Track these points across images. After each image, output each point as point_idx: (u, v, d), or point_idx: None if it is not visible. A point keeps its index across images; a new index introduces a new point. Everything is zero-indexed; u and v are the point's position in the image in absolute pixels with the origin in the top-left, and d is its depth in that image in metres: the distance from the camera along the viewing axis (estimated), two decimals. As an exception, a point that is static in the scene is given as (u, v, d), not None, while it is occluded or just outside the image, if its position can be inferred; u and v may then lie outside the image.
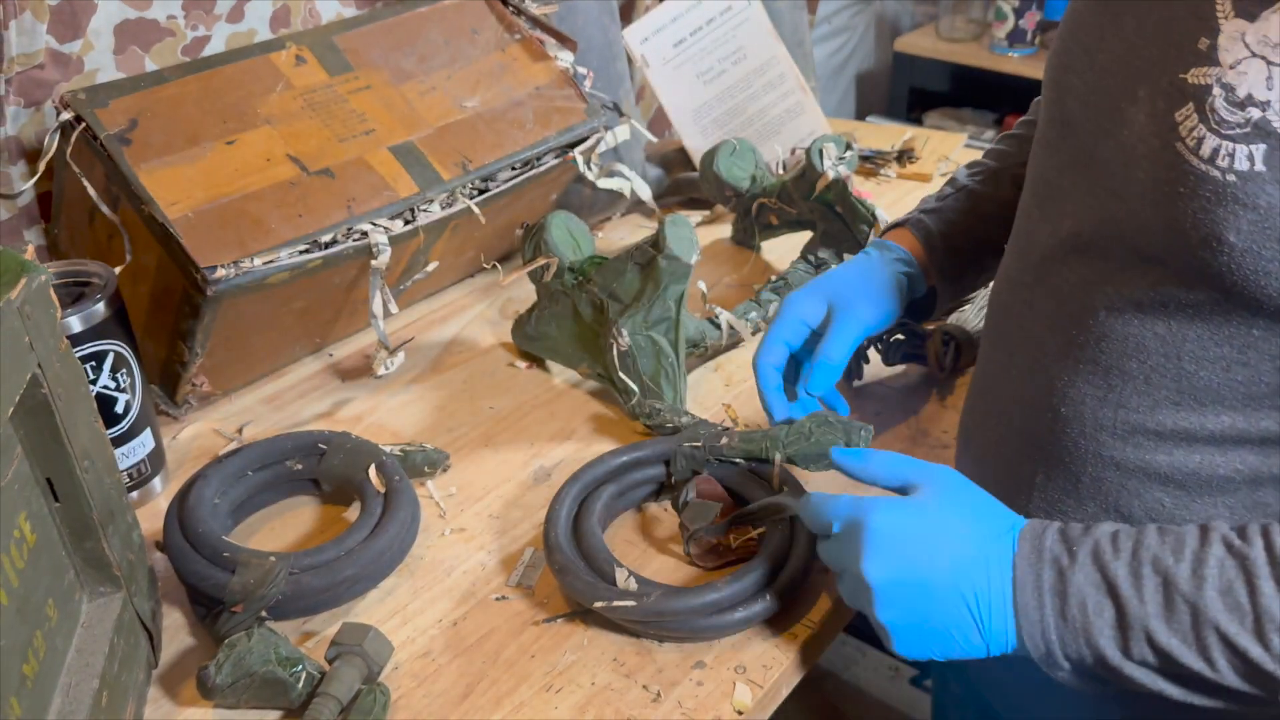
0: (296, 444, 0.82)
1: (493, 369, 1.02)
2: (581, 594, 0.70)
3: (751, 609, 0.69)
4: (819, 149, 1.05)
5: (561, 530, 0.74)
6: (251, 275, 0.83)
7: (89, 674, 0.58)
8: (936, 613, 0.59)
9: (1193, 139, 0.53)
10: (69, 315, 0.75)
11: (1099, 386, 0.61)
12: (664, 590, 0.69)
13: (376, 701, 0.64)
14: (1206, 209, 0.53)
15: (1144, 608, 0.54)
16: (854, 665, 1.85)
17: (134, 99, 0.87)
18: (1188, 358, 0.57)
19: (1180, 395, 0.58)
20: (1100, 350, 0.61)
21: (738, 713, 0.65)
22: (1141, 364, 0.59)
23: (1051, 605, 0.56)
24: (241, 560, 0.70)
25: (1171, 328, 0.57)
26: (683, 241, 0.86)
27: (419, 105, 1.00)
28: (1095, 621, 0.55)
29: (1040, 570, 0.57)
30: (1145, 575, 0.55)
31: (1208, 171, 0.52)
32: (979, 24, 2.44)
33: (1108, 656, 0.56)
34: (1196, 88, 0.53)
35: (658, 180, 1.33)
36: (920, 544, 0.60)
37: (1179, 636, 0.54)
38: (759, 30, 1.31)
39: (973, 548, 0.59)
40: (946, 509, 0.61)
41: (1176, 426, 0.59)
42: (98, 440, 0.61)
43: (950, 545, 0.59)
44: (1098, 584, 0.56)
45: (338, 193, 0.90)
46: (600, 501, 0.77)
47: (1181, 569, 0.54)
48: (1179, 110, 0.54)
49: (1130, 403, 0.60)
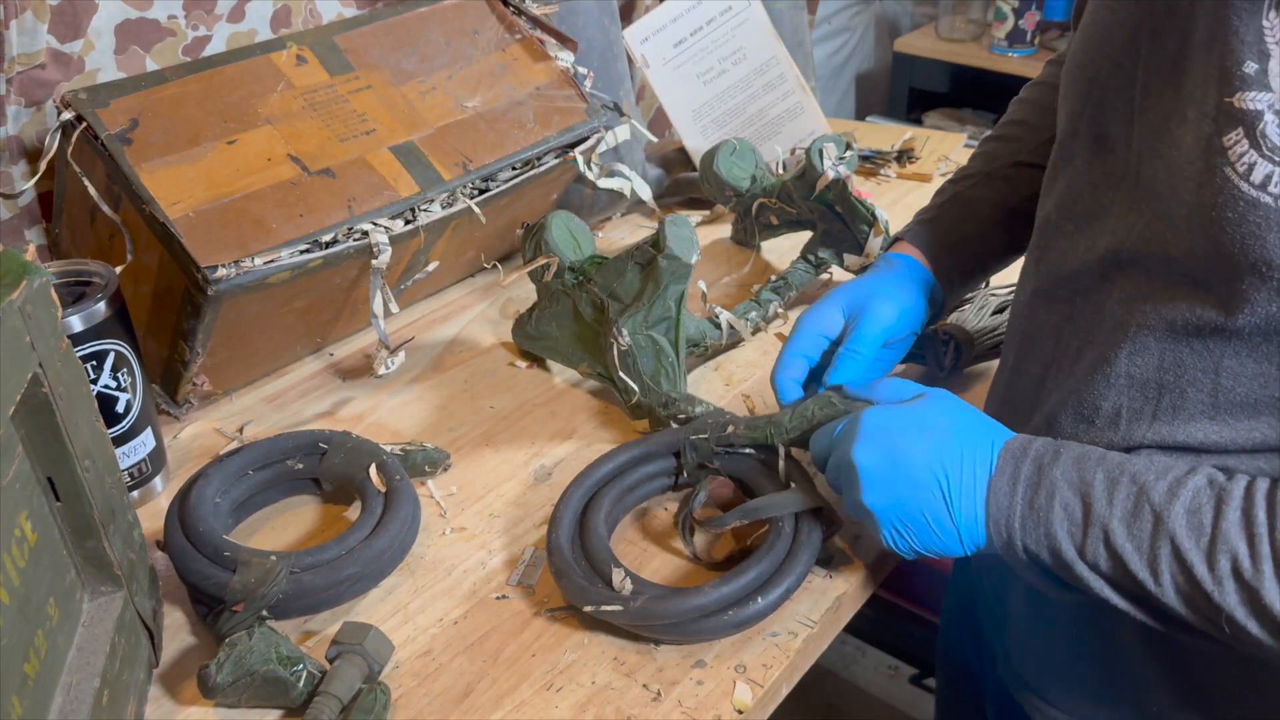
0: (297, 443, 0.82)
1: (493, 368, 1.02)
2: (574, 597, 0.70)
3: (742, 613, 0.68)
4: (819, 149, 1.05)
5: (564, 531, 0.74)
6: (252, 275, 0.83)
7: (90, 673, 0.58)
8: (913, 495, 0.62)
9: (1243, 165, 0.53)
10: (70, 315, 0.75)
11: (1135, 400, 0.61)
12: (651, 594, 0.68)
13: (377, 700, 0.64)
14: (1256, 234, 0.52)
15: (1110, 509, 0.56)
16: (854, 664, 1.85)
17: (135, 99, 0.87)
18: (1225, 373, 0.57)
19: (1215, 410, 0.58)
20: (1135, 365, 0.61)
21: (738, 712, 0.65)
22: (1178, 379, 0.59)
23: (1022, 495, 0.59)
24: (242, 559, 0.70)
25: (1210, 346, 0.57)
26: (683, 241, 0.86)
27: (420, 105, 1.00)
28: (1059, 514, 0.57)
29: (1021, 463, 0.60)
30: (1122, 483, 0.57)
31: (1259, 198, 0.52)
32: (979, 24, 2.44)
33: (1063, 551, 0.58)
34: (1246, 113, 0.53)
35: (658, 180, 1.33)
36: (906, 434, 0.64)
37: (1134, 543, 0.55)
38: (759, 30, 1.31)
39: (955, 439, 0.62)
40: (939, 411, 0.65)
41: (1208, 439, 0.59)
42: (99, 439, 0.61)
43: (934, 435, 0.63)
44: (1072, 482, 0.58)
45: (338, 192, 0.90)
46: (608, 498, 0.77)
47: (1159, 485, 0.56)
48: (1228, 135, 0.53)
49: (1165, 415, 0.60)
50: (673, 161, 1.37)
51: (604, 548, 0.73)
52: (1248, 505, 0.53)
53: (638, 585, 0.70)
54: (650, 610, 0.68)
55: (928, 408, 0.65)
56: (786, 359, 0.80)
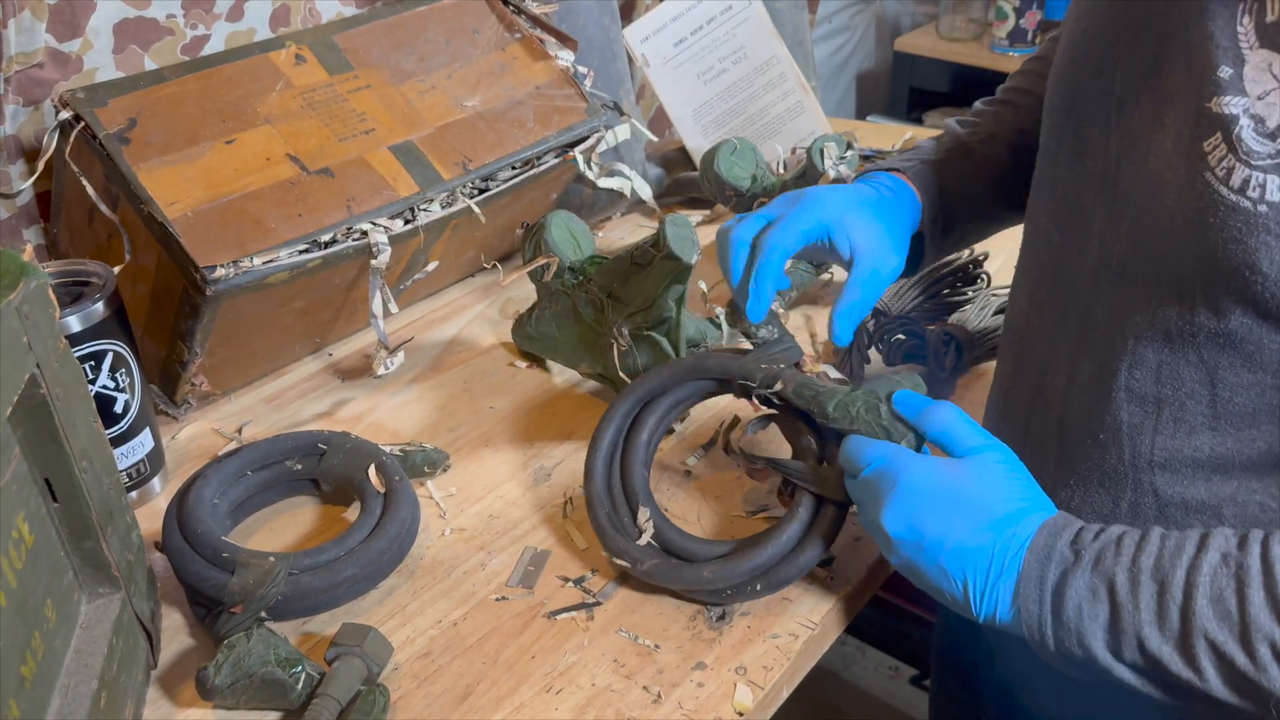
0: (296, 444, 0.81)
1: (493, 369, 1.01)
2: (598, 533, 0.75)
3: (741, 593, 0.70)
4: (820, 149, 1.05)
5: (602, 456, 0.76)
6: (251, 275, 0.82)
7: (88, 675, 0.58)
8: (936, 579, 0.61)
9: (1222, 169, 0.53)
10: (68, 315, 0.75)
11: (1135, 414, 0.61)
12: (660, 561, 0.72)
13: (376, 703, 0.64)
14: (1238, 239, 0.52)
15: (1138, 613, 0.54)
16: (854, 665, 1.85)
17: (133, 98, 0.87)
18: (1221, 384, 0.57)
19: (1216, 420, 0.58)
20: (1134, 378, 0.60)
21: (738, 714, 0.65)
22: (1176, 391, 0.59)
23: (1050, 604, 0.57)
24: (241, 560, 0.69)
25: (1204, 355, 0.57)
26: (683, 241, 0.85)
27: (419, 104, 1.00)
28: (1089, 625, 0.56)
29: (1047, 568, 0.58)
30: (1143, 582, 0.55)
31: (1238, 202, 0.52)
32: (979, 23, 2.44)
33: (1098, 657, 0.56)
34: (1223, 117, 0.53)
35: (658, 180, 1.32)
36: (938, 514, 0.61)
37: (1170, 643, 0.54)
38: (759, 30, 1.30)
39: (987, 530, 0.59)
40: (975, 486, 0.61)
41: (1213, 453, 0.59)
42: (96, 440, 0.61)
43: (965, 521, 0.60)
44: (1095, 588, 0.56)
45: (337, 192, 0.90)
46: (654, 416, 0.77)
47: (1177, 576, 0.54)
48: (1206, 140, 0.53)
49: (1167, 429, 0.60)
50: (673, 161, 1.36)
51: (640, 478, 0.75)
52: (1268, 581, 0.52)
53: (660, 530, 0.73)
54: (654, 574, 0.71)
55: (968, 479, 0.61)
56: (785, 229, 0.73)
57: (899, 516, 0.61)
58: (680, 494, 0.84)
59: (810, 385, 0.71)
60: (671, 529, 0.74)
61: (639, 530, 0.74)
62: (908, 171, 0.81)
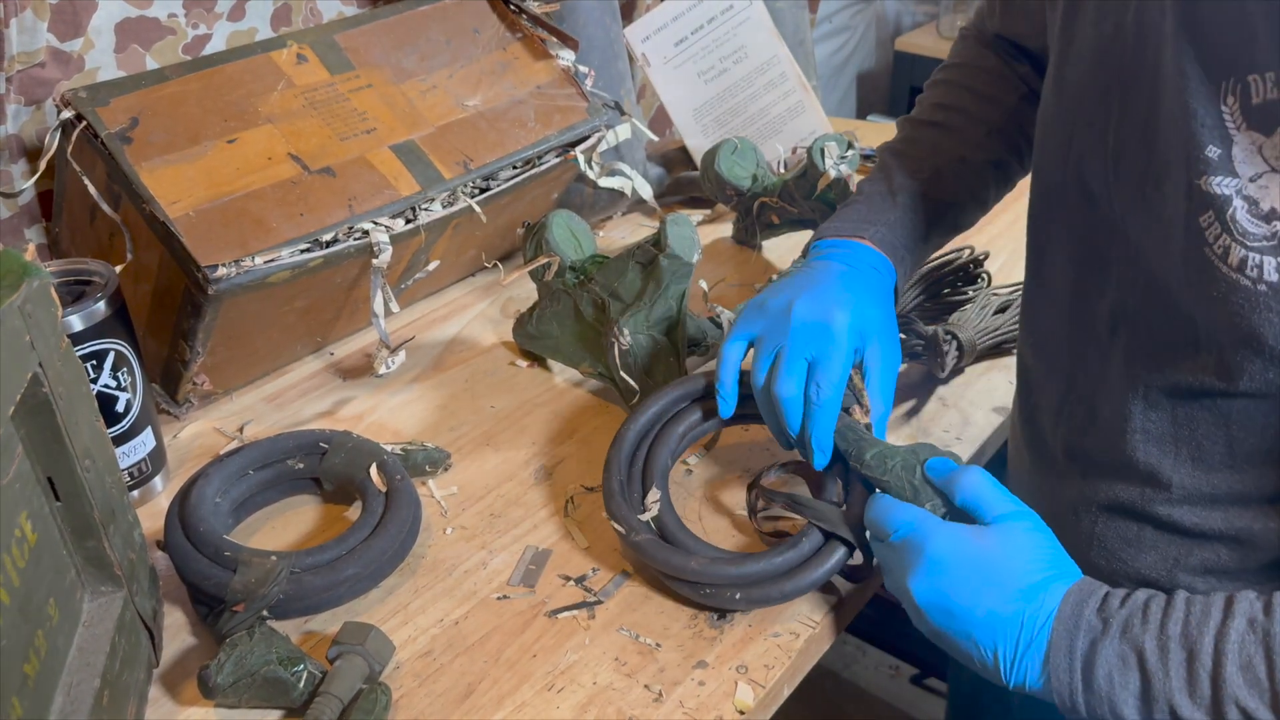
0: (298, 443, 0.81)
1: (494, 368, 1.01)
2: (605, 498, 0.75)
3: (718, 596, 0.70)
4: (820, 148, 1.05)
5: (637, 428, 0.78)
6: (253, 274, 0.83)
7: (90, 673, 0.58)
8: (966, 648, 0.60)
9: (1220, 247, 0.52)
10: (70, 314, 0.75)
11: (1152, 454, 0.61)
12: (653, 539, 0.72)
13: (378, 701, 0.64)
14: (1241, 314, 0.52)
15: (1168, 681, 0.54)
16: (854, 664, 1.85)
17: (135, 97, 0.87)
18: (1236, 426, 0.57)
19: (1233, 459, 0.58)
20: (1150, 420, 0.61)
21: (739, 713, 0.65)
22: (1193, 433, 0.59)
23: (1081, 673, 0.57)
24: (243, 559, 0.70)
25: (1217, 404, 0.57)
26: (684, 240, 0.85)
27: (420, 104, 1.00)
28: (1120, 693, 0.55)
29: (1075, 638, 0.57)
30: (1171, 650, 0.54)
31: (1238, 280, 0.52)
32: (980, 23, 2.44)
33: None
34: (1215, 197, 0.52)
35: (659, 179, 1.32)
36: (966, 584, 0.60)
37: (1201, 710, 0.53)
38: (760, 29, 1.30)
39: (1016, 602, 0.58)
40: (1003, 555, 0.60)
41: (1231, 489, 0.59)
42: (99, 439, 0.61)
43: (994, 591, 0.59)
44: (1124, 656, 0.56)
45: (339, 191, 0.90)
46: (698, 413, 0.79)
47: (1205, 644, 0.54)
48: (1202, 216, 0.53)
49: (1184, 467, 0.60)
50: (674, 160, 1.36)
51: (662, 463, 0.77)
52: None
53: (663, 515, 0.73)
54: (643, 548, 0.72)
55: (995, 548, 0.60)
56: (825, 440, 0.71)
57: (927, 586, 0.61)
58: (681, 492, 0.84)
59: (854, 429, 0.71)
60: (674, 518, 0.74)
61: (644, 507, 0.75)
62: (874, 240, 0.79)
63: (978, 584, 0.59)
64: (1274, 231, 0.50)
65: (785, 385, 0.70)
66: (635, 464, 0.78)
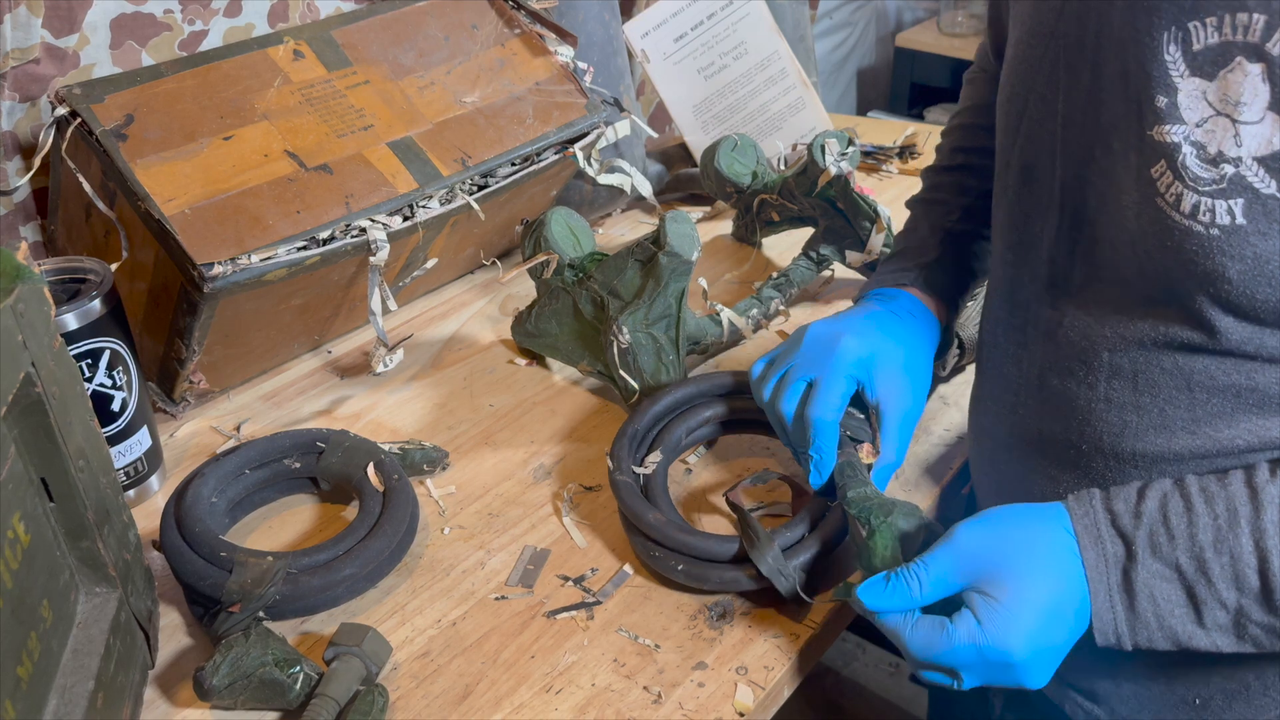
0: (295, 442, 0.81)
1: (492, 366, 1.01)
2: (616, 439, 0.80)
3: (664, 562, 0.72)
4: (821, 145, 1.04)
5: (672, 398, 0.83)
6: (249, 272, 0.82)
7: (85, 675, 0.57)
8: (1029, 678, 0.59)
9: (1171, 195, 0.53)
10: (64, 312, 0.74)
11: (1114, 423, 0.61)
12: (631, 487, 0.75)
13: (375, 703, 0.63)
14: (1196, 260, 0.53)
15: (1213, 588, 0.54)
16: (854, 661, 1.84)
17: (130, 94, 0.86)
18: (1198, 387, 0.57)
19: (1195, 422, 0.58)
20: (1112, 388, 0.61)
21: (739, 714, 0.65)
22: (1154, 398, 0.59)
23: (1121, 602, 0.57)
24: (239, 559, 0.69)
25: (1178, 362, 0.57)
26: (684, 238, 0.85)
27: (418, 101, 0.99)
28: (1165, 606, 0.56)
29: (1106, 574, 0.57)
30: (1209, 561, 0.55)
31: (1191, 227, 0.53)
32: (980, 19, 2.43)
33: (1180, 635, 0.56)
34: (1165, 145, 0.53)
35: (658, 176, 1.32)
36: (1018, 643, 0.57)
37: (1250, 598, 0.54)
38: (760, 25, 1.30)
39: (1061, 634, 0.57)
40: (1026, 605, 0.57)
41: (1194, 447, 0.59)
42: (93, 439, 0.61)
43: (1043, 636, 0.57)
44: (1165, 576, 0.56)
45: (336, 189, 0.89)
46: (721, 408, 0.84)
47: (1244, 545, 0.54)
48: (1153, 166, 0.54)
49: (1147, 436, 0.60)
50: (673, 157, 1.36)
51: (676, 438, 0.81)
52: None
53: (655, 477, 0.78)
54: (619, 488, 0.75)
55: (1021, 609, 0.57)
56: (826, 400, 0.71)
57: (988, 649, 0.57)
58: (678, 490, 0.83)
59: (852, 465, 0.71)
60: (662, 489, 0.78)
61: (642, 464, 0.79)
62: (916, 285, 0.80)
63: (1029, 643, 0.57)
64: (1222, 175, 0.51)
65: (784, 405, 0.74)
66: (654, 427, 0.83)
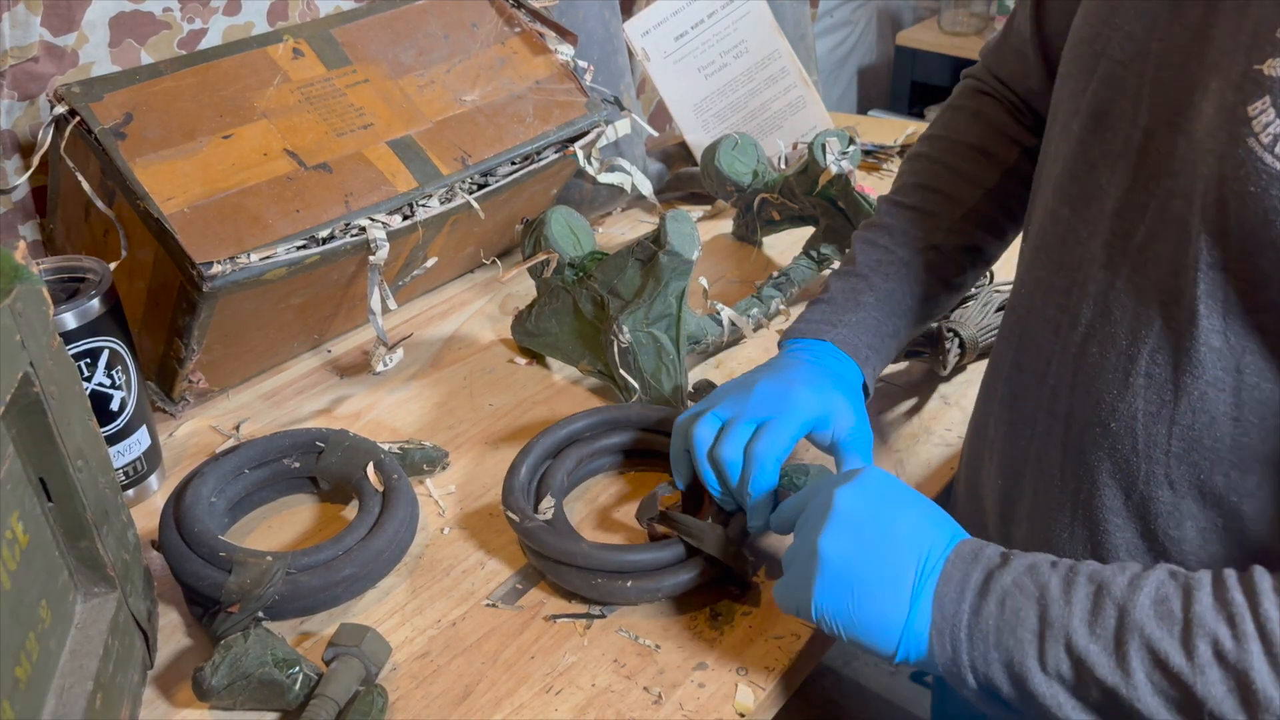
0: (294, 441, 0.81)
1: (492, 365, 1.01)
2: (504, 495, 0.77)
3: (610, 589, 0.71)
4: (821, 144, 1.04)
5: (543, 446, 0.81)
6: (248, 271, 0.82)
7: (83, 676, 0.57)
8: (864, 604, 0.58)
9: (1268, 135, 0.50)
10: (63, 312, 0.74)
11: (1152, 402, 0.58)
12: (544, 527, 0.73)
13: (374, 703, 0.63)
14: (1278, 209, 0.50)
15: (1069, 609, 0.52)
16: (854, 660, 1.84)
17: (129, 93, 0.86)
18: (1248, 370, 0.54)
19: (1239, 410, 0.55)
20: (1154, 364, 0.57)
21: (739, 715, 0.65)
22: (1197, 379, 0.55)
23: (970, 601, 0.55)
24: (238, 559, 0.69)
25: (1230, 340, 0.54)
26: (684, 237, 0.85)
27: (418, 99, 0.99)
28: (1011, 622, 0.53)
29: (970, 570, 0.56)
30: (1078, 583, 0.53)
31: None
32: (981, 18, 2.43)
33: (1015, 662, 0.53)
34: (1274, 80, 0.50)
35: (658, 175, 1.32)
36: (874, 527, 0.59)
37: (1100, 642, 0.51)
38: (761, 24, 1.30)
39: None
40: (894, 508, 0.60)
41: (1235, 443, 0.55)
42: (91, 439, 0.61)
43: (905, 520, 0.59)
44: (1024, 587, 0.54)
45: (335, 188, 0.89)
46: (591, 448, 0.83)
47: (1119, 580, 0.52)
48: (1253, 103, 0.51)
49: (1185, 419, 0.56)
50: (673, 156, 1.36)
51: (559, 480, 0.79)
52: (1219, 589, 0.50)
53: (556, 518, 0.75)
54: (534, 535, 0.72)
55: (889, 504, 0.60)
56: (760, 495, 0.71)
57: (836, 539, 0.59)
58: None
59: (798, 468, 0.75)
60: (564, 521, 0.75)
61: (538, 510, 0.76)
62: (838, 340, 0.78)
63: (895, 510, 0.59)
64: None
65: (727, 449, 0.71)
66: (537, 472, 0.80)
